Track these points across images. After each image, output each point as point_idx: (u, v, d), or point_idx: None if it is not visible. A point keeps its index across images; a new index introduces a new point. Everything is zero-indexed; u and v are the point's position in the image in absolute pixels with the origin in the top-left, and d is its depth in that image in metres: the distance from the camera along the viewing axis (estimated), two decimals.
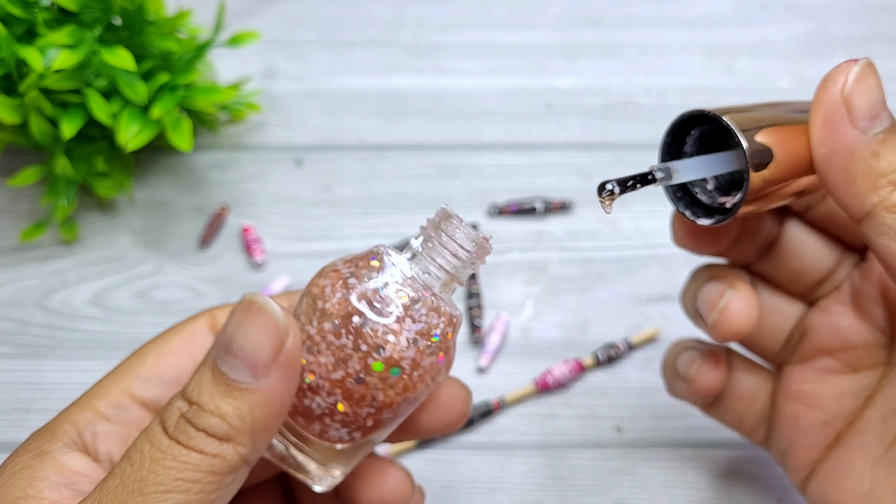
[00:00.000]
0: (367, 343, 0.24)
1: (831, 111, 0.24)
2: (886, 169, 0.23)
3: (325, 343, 0.24)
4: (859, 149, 0.23)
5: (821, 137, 0.24)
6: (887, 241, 0.24)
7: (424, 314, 0.24)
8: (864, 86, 0.24)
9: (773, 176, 0.24)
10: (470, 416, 0.27)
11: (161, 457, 0.21)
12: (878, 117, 0.24)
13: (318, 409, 0.24)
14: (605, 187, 0.25)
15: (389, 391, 0.24)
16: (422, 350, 0.24)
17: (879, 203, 0.23)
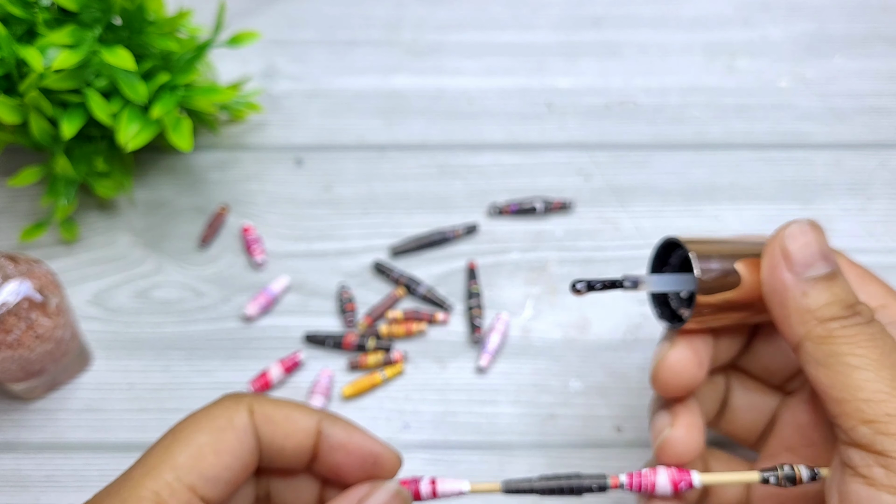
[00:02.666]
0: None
1: (775, 257, 0.28)
2: (813, 306, 0.28)
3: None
4: (791, 288, 0.28)
5: (766, 276, 0.29)
6: (811, 368, 0.27)
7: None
8: (802, 240, 0.28)
9: (722, 302, 0.29)
10: (579, 486, 0.29)
11: None
12: (811, 266, 0.28)
13: None
14: (575, 286, 0.29)
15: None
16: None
17: (805, 335, 0.28)
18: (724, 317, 0.30)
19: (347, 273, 0.45)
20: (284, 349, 0.42)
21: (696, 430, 0.30)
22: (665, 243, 0.31)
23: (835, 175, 0.48)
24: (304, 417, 0.28)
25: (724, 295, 0.29)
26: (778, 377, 0.33)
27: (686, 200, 0.47)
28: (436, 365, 0.42)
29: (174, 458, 0.26)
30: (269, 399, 0.28)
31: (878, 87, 0.52)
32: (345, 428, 0.29)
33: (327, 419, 0.28)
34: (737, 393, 0.33)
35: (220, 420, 0.27)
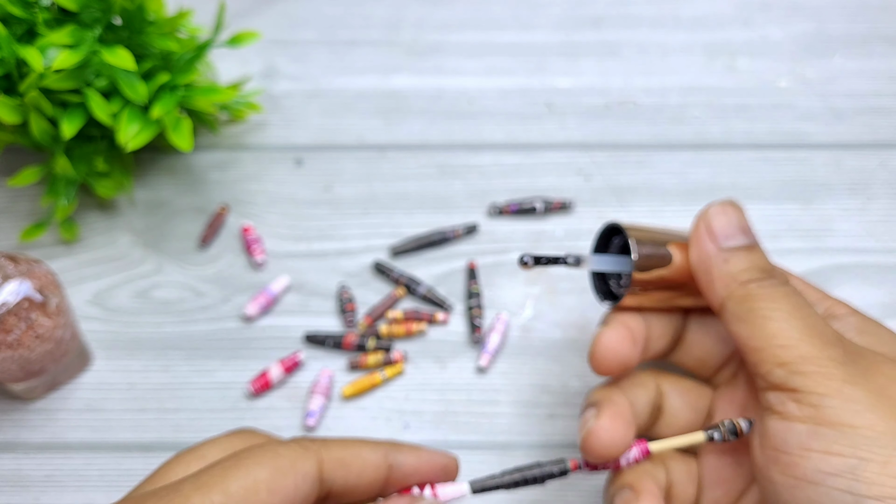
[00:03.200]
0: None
1: (700, 232, 0.32)
2: (733, 270, 0.31)
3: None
4: (714, 257, 0.31)
5: (693, 249, 0.32)
6: (733, 325, 0.30)
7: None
8: (722, 215, 0.32)
9: (656, 279, 0.32)
10: (539, 475, 0.31)
11: None
12: (731, 237, 0.32)
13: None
14: (522, 259, 0.32)
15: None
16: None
17: (728, 296, 0.31)
18: (658, 295, 0.33)
19: (347, 273, 0.45)
20: (284, 349, 0.42)
21: (623, 420, 0.32)
22: (606, 229, 0.34)
23: (835, 175, 0.48)
24: (373, 454, 0.29)
25: (658, 272, 0.32)
26: (709, 367, 0.35)
27: (686, 200, 0.47)
28: (436, 365, 0.42)
29: (228, 483, 0.26)
30: (336, 441, 0.29)
31: (878, 87, 0.52)
32: (412, 452, 0.30)
33: (392, 448, 0.30)
34: (671, 396, 0.35)
35: (283, 460, 0.27)
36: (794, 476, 0.28)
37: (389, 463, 0.29)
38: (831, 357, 0.28)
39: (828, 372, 0.28)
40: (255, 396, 0.41)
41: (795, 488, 0.28)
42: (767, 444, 0.29)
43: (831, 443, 0.27)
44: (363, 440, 0.30)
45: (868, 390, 0.28)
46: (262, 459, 0.27)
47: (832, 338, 0.29)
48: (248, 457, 0.27)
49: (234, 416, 0.41)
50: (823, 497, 0.27)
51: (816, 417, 0.28)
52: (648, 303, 0.33)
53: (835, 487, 0.27)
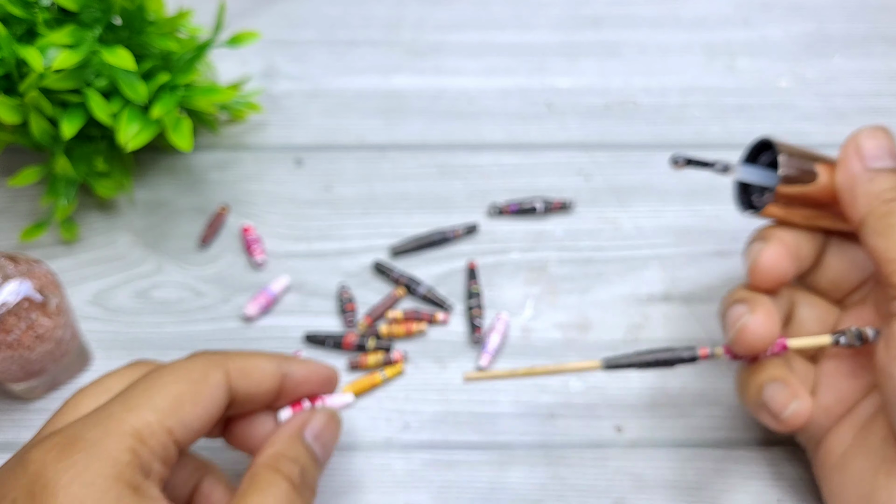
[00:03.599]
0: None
1: (849, 152, 0.34)
2: (877, 189, 0.33)
3: None
4: (860, 175, 0.33)
5: (840, 168, 0.34)
6: (871, 239, 0.32)
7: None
8: (872, 139, 0.34)
9: (798, 194, 0.34)
10: (670, 358, 0.34)
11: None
12: (879, 158, 0.33)
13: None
14: (674, 158, 0.33)
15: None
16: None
17: (869, 212, 0.33)
18: (799, 212, 0.34)
19: (347, 273, 0.45)
20: (284, 349, 0.42)
21: (773, 317, 0.34)
22: (757, 144, 0.35)
23: None
24: (269, 364, 0.33)
25: (802, 188, 0.34)
26: (842, 290, 0.37)
27: (686, 200, 0.47)
28: (436, 365, 0.42)
29: (154, 401, 0.29)
30: (237, 353, 0.33)
31: (878, 87, 0.52)
32: (301, 364, 0.34)
33: (284, 360, 0.34)
34: (802, 307, 0.37)
35: (196, 374, 0.30)
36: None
37: (283, 372, 0.33)
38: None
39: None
40: None
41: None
42: (893, 345, 0.31)
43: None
44: (258, 352, 0.33)
45: None
46: (178, 376, 0.30)
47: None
48: (162, 375, 0.30)
49: None
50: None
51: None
52: (789, 218, 0.35)
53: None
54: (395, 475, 0.39)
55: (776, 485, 0.39)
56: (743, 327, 0.33)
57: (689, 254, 0.46)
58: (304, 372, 0.34)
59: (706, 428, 0.40)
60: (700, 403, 0.41)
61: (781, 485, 0.39)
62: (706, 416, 0.41)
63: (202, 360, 0.31)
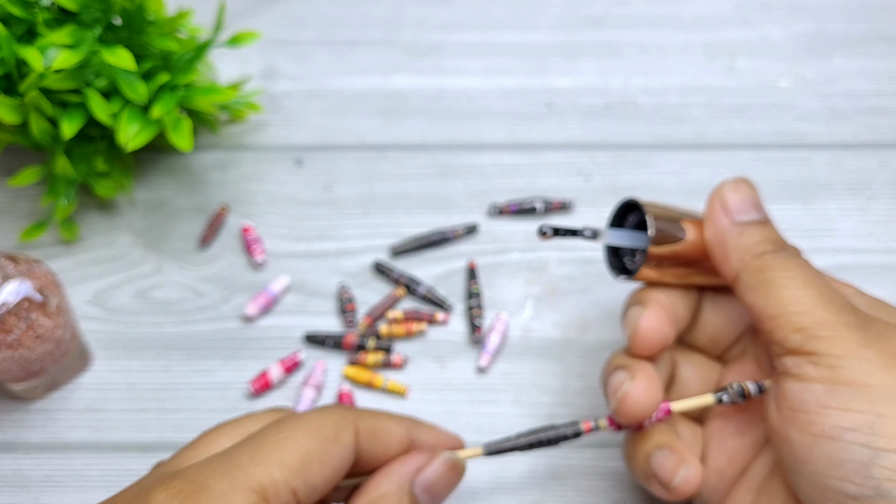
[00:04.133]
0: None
1: (714, 207, 0.33)
2: (747, 243, 0.32)
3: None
4: (728, 230, 0.32)
5: (708, 224, 0.33)
6: (748, 295, 0.31)
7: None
8: (736, 192, 0.33)
9: (670, 253, 0.33)
10: (553, 437, 0.33)
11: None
12: (745, 212, 0.33)
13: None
14: (541, 228, 0.32)
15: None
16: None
17: (742, 268, 0.32)
18: (672, 271, 0.34)
19: (347, 273, 0.45)
20: (284, 349, 0.42)
21: (655, 383, 0.33)
22: (624, 204, 0.35)
23: (835, 175, 0.48)
24: (399, 428, 0.31)
25: (672, 247, 0.33)
26: (720, 345, 0.36)
27: (686, 200, 0.47)
28: (436, 365, 0.42)
29: (283, 456, 0.27)
30: (368, 412, 0.31)
31: (878, 87, 0.52)
32: (429, 431, 0.32)
33: (414, 425, 0.32)
34: (684, 366, 0.36)
35: (327, 430, 0.29)
36: (813, 433, 0.29)
37: (412, 438, 0.31)
38: (846, 322, 0.29)
39: (843, 336, 0.29)
40: (255, 396, 0.41)
41: (814, 445, 0.28)
42: (784, 406, 0.30)
43: (849, 400, 0.28)
44: (390, 413, 0.32)
45: (882, 353, 0.29)
46: (309, 431, 0.28)
47: (846, 306, 0.30)
48: (294, 427, 0.28)
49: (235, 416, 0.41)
50: (842, 451, 0.28)
51: (834, 377, 0.29)
52: (662, 279, 0.34)
53: (853, 442, 0.28)
54: None
55: None
56: (624, 396, 0.32)
57: None
58: (432, 440, 0.32)
59: None
60: None
61: None
62: None
63: (335, 417, 0.29)
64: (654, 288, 0.34)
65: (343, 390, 0.41)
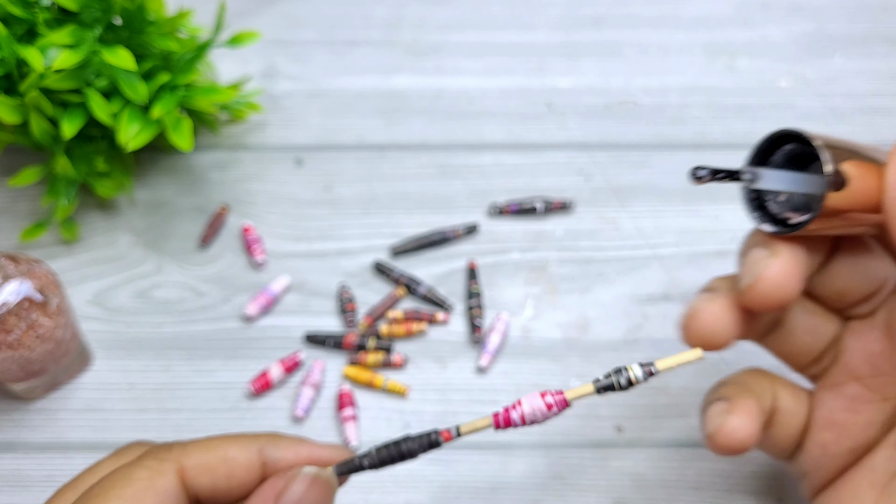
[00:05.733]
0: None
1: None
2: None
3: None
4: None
5: (891, 182, 0.27)
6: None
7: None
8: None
9: (843, 206, 0.27)
10: (412, 448, 0.28)
11: None
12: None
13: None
14: (696, 172, 0.27)
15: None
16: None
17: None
18: (830, 224, 0.28)
19: (347, 273, 0.45)
20: (285, 349, 0.42)
21: (755, 417, 0.29)
22: (773, 137, 0.29)
23: None
24: (243, 452, 0.27)
25: (844, 195, 0.27)
26: (848, 300, 0.31)
27: (686, 200, 0.47)
28: (436, 365, 0.42)
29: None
30: (200, 444, 0.27)
31: (878, 87, 0.52)
32: (290, 446, 0.28)
33: (269, 443, 0.28)
34: (796, 313, 0.31)
35: (138, 485, 0.26)
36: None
37: (264, 460, 0.27)
38: None
39: None
40: (255, 396, 0.41)
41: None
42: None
43: None
44: (233, 438, 0.28)
45: None
46: (119, 491, 0.25)
47: None
48: (103, 491, 0.25)
49: (235, 416, 0.41)
50: None
51: None
52: (818, 230, 0.28)
53: None
54: (396, 475, 0.39)
55: (776, 484, 0.39)
56: (720, 430, 0.29)
57: (689, 254, 0.46)
58: (293, 458, 0.27)
59: None
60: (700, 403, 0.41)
61: (781, 484, 0.39)
62: None
63: (150, 463, 0.26)
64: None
65: (343, 390, 0.41)
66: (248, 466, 0.27)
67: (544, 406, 0.28)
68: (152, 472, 0.26)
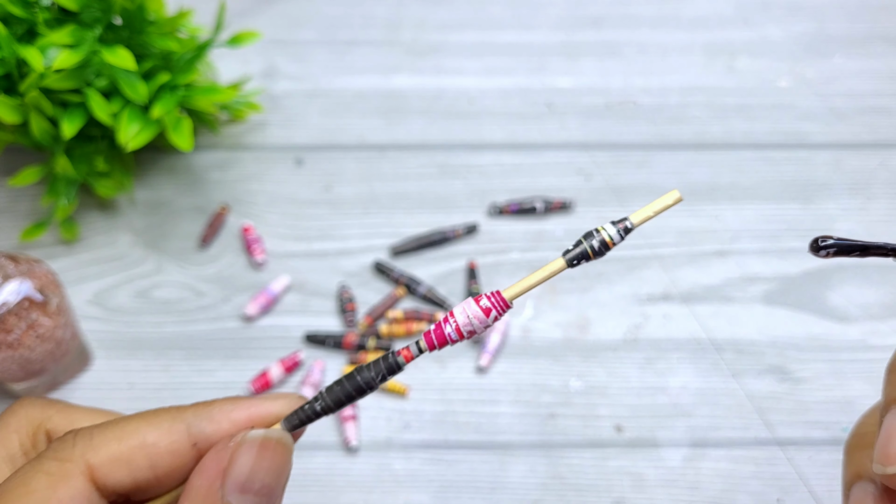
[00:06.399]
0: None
1: None
2: None
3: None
4: None
5: None
6: None
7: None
8: None
9: None
10: (369, 378, 0.24)
11: None
12: None
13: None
14: (819, 245, 0.22)
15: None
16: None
17: None
18: None
19: (347, 273, 0.45)
20: (285, 349, 0.42)
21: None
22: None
23: (835, 175, 0.48)
24: (165, 435, 0.23)
25: None
26: None
27: (686, 200, 0.47)
28: (436, 365, 0.42)
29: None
30: (110, 432, 0.23)
31: (878, 87, 0.52)
32: (223, 412, 0.23)
33: (197, 416, 0.24)
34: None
35: (37, 495, 0.21)
36: None
37: (194, 437, 0.23)
38: None
39: None
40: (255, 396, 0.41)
41: None
42: None
43: None
44: (150, 417, 0.24)
45: None
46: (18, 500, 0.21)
47: None
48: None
49: None
50: None
51: None
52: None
53: None
54: (396, 475, 0.39)
55: (776, 485, 0.39)
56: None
57: (689, 254, 0.46)
58: (229, 426, 0.23)
59: (706, 428, 0.40)
60: (700, 403, 0.41)
61: (781, 484, 0.39)
62: (706, 416, 0.41)
63: (51, 466, 0.22)
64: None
65: None
66: (173, 451, 0.23)
67: (480, 311, 0.23)
68: (53, 478, 0.22)
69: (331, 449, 0.40)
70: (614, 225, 0.22)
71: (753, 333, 0.43)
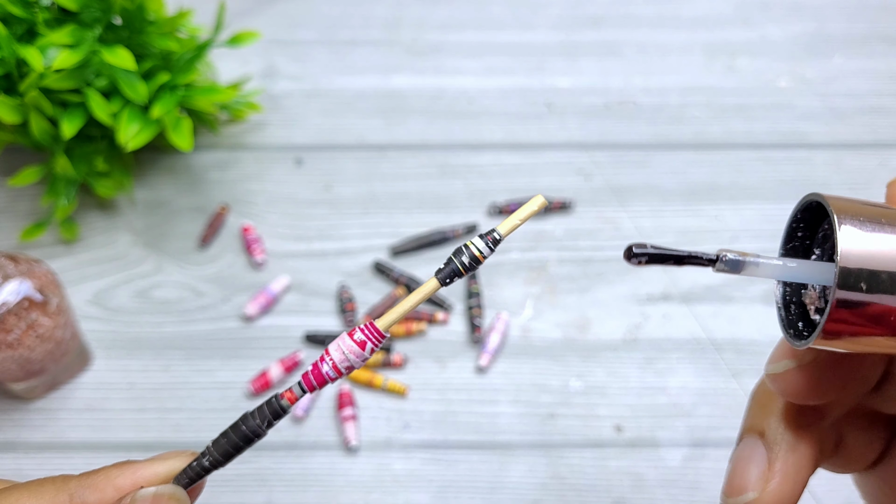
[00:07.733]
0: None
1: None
2: None
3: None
4: None
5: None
6: None
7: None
8: None
9: (874, 312, 0.19)
10: (254, 426, 0.23)
11: None
12: None
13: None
14: (632, 253, 0.20)
15: None
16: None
17: None
18: (869, 338, 0.19)
19: (347, 273, 0.45)
20: (284, 349, 0.42)
21: (798, 483, 0.22)
22: (806, 205, 0.21)
23: (835, 175, 0.48)
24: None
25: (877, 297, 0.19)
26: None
27: (686, 200, 0.47)
28: (436, 365, 0.42)
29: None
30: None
31: (878, 87, 0.52)
32: (107, 480, 0.22)
33: (80, 485, 0.22)
34: (850, 434, 0.24)
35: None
36: None
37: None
38: None
39: None
40: (255, 396, 0.41)
41: None
42: None
43: None
44: (38, 487, 0.22)
45: None
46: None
47: None
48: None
49: (234, 415, 0.41)
50: None
51: None
52: (854, 346, 0.20)
53: None
54: (395, 475, 0.39)
55: None
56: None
57: None
58: (114, 493, 0.22)
59: (706, 427, 0.40)
60: (700, 403, 0.41)
61: None
62: (706, 416, 0.41)
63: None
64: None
65: (343, 390, 0.41)
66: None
67: (356, 346, 0.22)
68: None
69: (331, 449, 0.40)
70: (482, 238, 0.22)
71: (753, 333, 0.43)
